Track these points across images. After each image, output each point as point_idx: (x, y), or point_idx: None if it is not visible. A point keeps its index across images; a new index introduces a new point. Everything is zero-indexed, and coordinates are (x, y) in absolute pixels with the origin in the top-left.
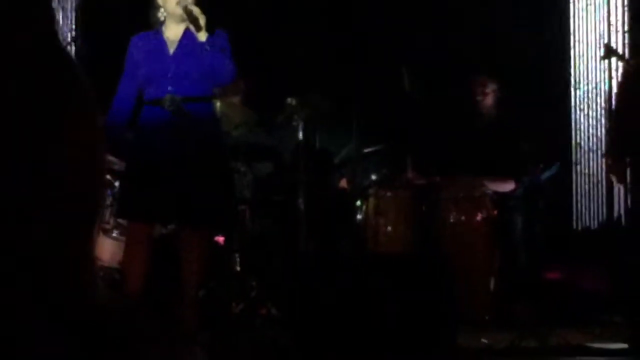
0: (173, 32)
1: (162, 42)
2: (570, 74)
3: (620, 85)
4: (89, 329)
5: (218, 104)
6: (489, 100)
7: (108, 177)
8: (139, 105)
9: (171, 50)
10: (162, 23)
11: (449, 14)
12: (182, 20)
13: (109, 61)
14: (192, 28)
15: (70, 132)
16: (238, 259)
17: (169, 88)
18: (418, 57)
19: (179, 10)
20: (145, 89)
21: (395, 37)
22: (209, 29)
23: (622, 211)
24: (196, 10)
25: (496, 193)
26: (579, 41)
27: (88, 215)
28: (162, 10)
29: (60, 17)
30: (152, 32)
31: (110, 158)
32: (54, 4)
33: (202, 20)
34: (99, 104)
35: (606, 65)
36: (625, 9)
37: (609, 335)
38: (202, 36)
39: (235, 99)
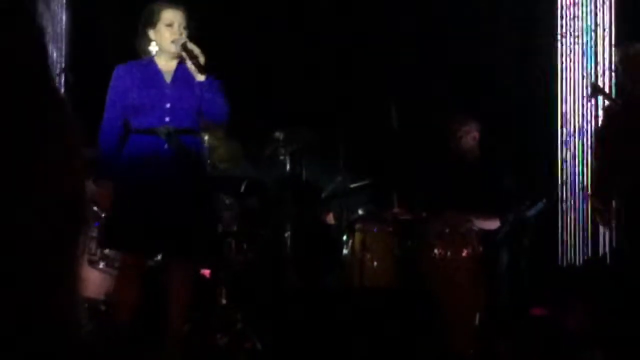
0: (165, 64)
1: (157, 72)
2: (557, 112)
3: (606, 126)
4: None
5: (206, 137)
6: (468, 139)
7: (95, 208)
8: (125, 134)
9: (167, 80)
10: (153, 55)
11: (436, 51)
12: (176, 57)
13: (98, 91)
14: (190, 67)
15: (48, 153)
16: (224, 292)
17: (167, 119)
18: (406, 94)
19: (174, 48)
20: (135, 117)
21: (384, 73)
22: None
23: (607, 248)
24: (197, 50)
25: (482, 230)
26: (566, 79)
27: (66, 237)
28: (154, 43)
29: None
30: (143, 62)
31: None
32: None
33: (202, 60)
34: (87, 132)
35: (593, 103)
36: (613, 48)
37: None
38: (201, 76)
39: (220, 133)
